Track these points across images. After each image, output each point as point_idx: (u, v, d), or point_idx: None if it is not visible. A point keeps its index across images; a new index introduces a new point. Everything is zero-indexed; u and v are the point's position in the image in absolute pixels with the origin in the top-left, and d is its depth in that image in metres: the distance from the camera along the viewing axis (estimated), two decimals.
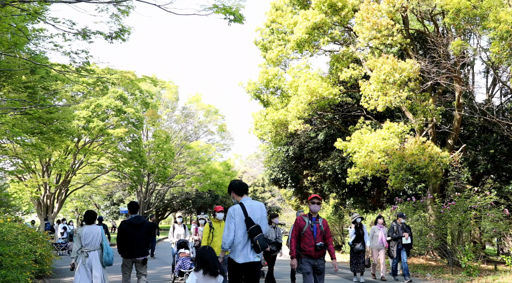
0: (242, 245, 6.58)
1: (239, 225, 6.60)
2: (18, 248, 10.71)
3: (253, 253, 6.62)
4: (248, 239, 6.57)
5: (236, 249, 6.62)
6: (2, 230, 10.98)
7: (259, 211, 6.77)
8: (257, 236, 6.51)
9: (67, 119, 25.37)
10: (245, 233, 6.59)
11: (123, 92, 39.95)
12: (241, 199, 6.81)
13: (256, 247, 6.54)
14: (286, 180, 25.21)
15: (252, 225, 6.56)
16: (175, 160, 49.69)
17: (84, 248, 8.73)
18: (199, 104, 54.69)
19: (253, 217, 6.64)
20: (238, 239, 6.59)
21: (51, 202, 41.27)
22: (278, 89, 21.03)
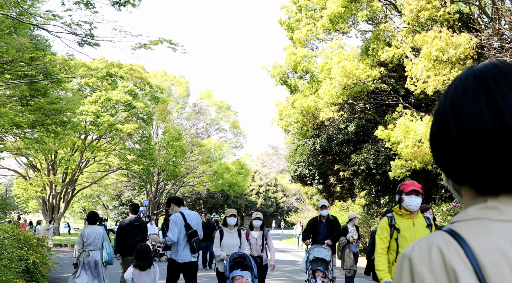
0: (182, 247, 7.76)
1: (180, 229, 7.80)
2: (4, 255, 8.48)
3: (191, 254, 7.82)
4: (187, 241, 7.76)
5: (178, 250, 7.79)
6: None
7: (195, 219, 8.12)
8: (194, 239, 7.74)
9: (71, 110, 23.20)
10: (185, 237, 7.79)
11: (133, 87, 38.03)
12: (180, 209, 8.07)
13: (193, 248, 7.76)
14: (313, 176, 22.84)
15: (190, 230, 7.81)
16: (186, 158, 47.57)
17: (86, 248, 8.97)
18: (210, 100, 52.53)
19: (191, 223, 7.92)
20: (180, 241, 7.79)
21: (57, 202, 39.55)
22: (307, 73, 18.67)
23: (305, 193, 32.54)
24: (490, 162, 1.00)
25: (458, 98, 1.06)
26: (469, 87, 1.05)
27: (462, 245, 0.97)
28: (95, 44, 12.13)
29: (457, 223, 1.04)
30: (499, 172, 1.00)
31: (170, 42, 9.04)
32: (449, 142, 1.06)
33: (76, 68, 34.88)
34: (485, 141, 1.00)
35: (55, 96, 23.34)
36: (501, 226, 0.99)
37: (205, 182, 50.12)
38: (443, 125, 1.08)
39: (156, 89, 43.41)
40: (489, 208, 1.02)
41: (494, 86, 1.02)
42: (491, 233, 0.98)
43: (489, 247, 0.95)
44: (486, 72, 1.05)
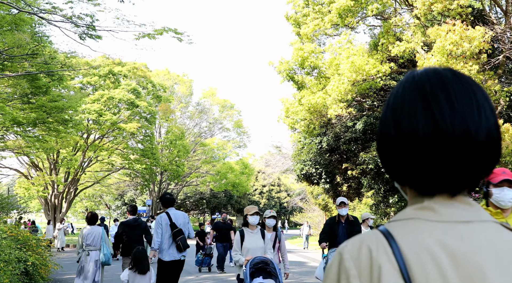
0: (168, 246, 7.95)
1: (165, 229, 8.01)
2: (1, 257, 8.03)
3: (178, 252, 7.98)
4: (173, 240, 7.92)
5: (163, 249, 8.00)
6: None
7: (182, 218, 8.26)
8: (179, 238, 7.89)
9: (73, 108, 22.73)
10: (170, 236, 7.97)
11: (136, 86, 37.63)
12: (167, 209, 8.30)
13: (178, 247, 7.93)
14: (319, 175, 22.31)
15: (176, 229, 7.98)
16: (189, 158, 47.13)
17: (86, 248, 9.09)
18: (214, 99, 52.08)
19: (176, 222, 8.08)
20: (166, 240, 7.98)
21: (59, 202, 39.12)
22: (315, 69, 18.18)
23: (311, 192, 32.03)
24: (424, 164, 1.04)
25: (397, 102, 1.10)
26: (407, 91, 1.09)
27: (391, 244, 1.01)
28: (97, 36, 11.68)
29: (393, 222, 1.08)
30: (434, 173, 1.04)
31: (175, 32, 8.57)
32: (389, 144, 1.10)
33: (78, 66, 34.49)
34: (420, 143, 1.04)
35: (57, 94, 22.87)
36: (433, 226, 1.03)
37: (209, 181, 49.69)
38: (384, 127, 1.12)
39: (159, 88, 43.00)
40: (424, 209, 1.07)
41: (429, 91, 1.06)
42: (422, 233, 1.02)
43: (417, 247, 1.00)
44: (423, 77, 1.09)
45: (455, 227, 1.03)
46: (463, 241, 1.00)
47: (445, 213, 1.04)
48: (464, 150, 1.02)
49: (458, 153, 1.02)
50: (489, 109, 1.06)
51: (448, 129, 1.01)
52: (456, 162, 1.03)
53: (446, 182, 1.05)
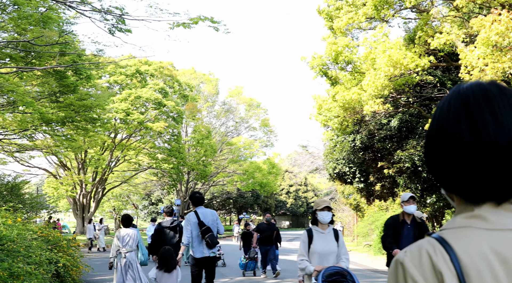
0: (197, 243, 8.10)
1: (194, 227, 8.15)
2: (32, 259, 7.66)
3: (207, 249, 8.08)
4: (202, 238, 8.04)
5: (194, 246, 8.15)
6: (9, 235, 7.93)
7: (210, 216, 8.37)
8: (207, 235, 8.00)
9: (101, 106, 22.51)
10: (199, 234, 8.10)
11: (164, 86, 37.48)
12: (196, 208, 8.42)
13: (208, 244, 8.02)
14: (353, 174, 21.65)
15: (204, 227, 8.11)
16: (216, 157, 46.81)
17: (122, 249, 9.13)
18: (240, 98, 51.67)
19: (204, 220, 8.20)
20: (195, 238, 8.12)
21: (88, 201, 39.20)
22: (349, 64, 17.56)
23: (341, 192, 31.32)
24: (471, 173, 1.09)
25: (443, 114, 1.16)
26: (452, 103, 1.14)
27: (448, 251, 1.06)
28: (127, 30, 11.31)
29: (445, 231, 1.13)
30: (481, 182, 1.09)
31: (212, 20, 8.09)
32: (436, 153, 1.15)
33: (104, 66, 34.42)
34: (465, 155, 1.09)
35: (85, 92, 22.70)
36: (485, 234, 1.08)
37: (236, 181, 49.33)
38: (431, 137, 1.17)
39: (186, 87, 42.80)
40: (475, 217, 1.12)
41: (473, 104, 1.11)
42: (476, 241, 1.07)
43: (472, 253, 1.06)
44: (468, 90, 1.14)
45: (505, 234, 1.08)
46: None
47: (495, 221, 1.10)
48: (508, 160, 1.07)
49: (502, 163, 1.07)
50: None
51: (492, 140, 1.07)
52: (501, 172, 1.08)
53: (492, 191, 1.09)
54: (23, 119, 21.88)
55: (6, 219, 8.95)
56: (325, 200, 5.92)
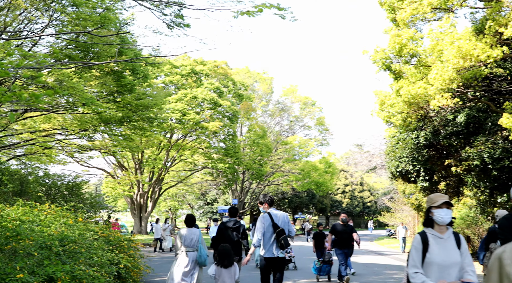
0: (269, 244, 8.36)
1: (268, 228, 8.44)
2: (94, 260, 7.39)
3: (278, 250, 8.37)
4: (275, 239, 8.36)
5: (266, 247, 8.40)
6: (71, 235, 7.69)
7: (282, 218, 8.61)
8: (282, 237, 8.30)
9: (158, 106, 22.46)
10: (272, 235, 8.40)
11: (219, 85, 37.41)
12: (269, 209, 8.66)
13: (281, 245, 8.32)
14: (417, 173, 20.70)
15: (278, 229, 8.40)
16: (271, 157, 46.40)
17: (183, 248, 9.31)
18: (295, 96, 51.10)
19: (278, 223, 8.48)
20: (267, 239, 8.41)
21: (145, 201, 39.61)
22: (414, 57, 16.71)
23: (402, 191, 30.26)
24: None
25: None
26: None
27: None
28: (186, 25, 10.99)
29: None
30: None
31: (278, 8, 7.62)
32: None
33: (161, 65, 34.62)
34: None
35: (142, 92, 22.72)
36: None
37: (291, 180, 48.77)
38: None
39: (240, 87, 42.61)
40: None
41: None
42: None
43: None
44: None
45: None
46: None
47: None
48: None
49: None
50: None
51: None
52: None
53: None
54: (82, 120, 22.09)
55: (67, 219, 8.76)
56: (443, 195, 4.65)
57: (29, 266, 4.84)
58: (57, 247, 6.25)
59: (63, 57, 19.89)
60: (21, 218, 7.86)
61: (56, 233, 7.37)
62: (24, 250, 5.29)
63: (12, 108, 21.76)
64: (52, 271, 4.89)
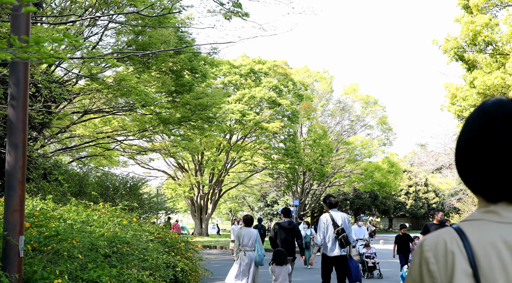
0: (331, 243, 8.83)
1: (329, 228, 8.92)
2: (148, 263, 6.84)
3: (339, 248, 8.79)
4: (336, 238, 8.79)
5: (328, 246, 8.89)
6: (123, 236, 7.18)
7: (341, 218, 9.06)
8: (341, 235, 8.74)
9: (217, 105, 22.04)
10: (333, 234, 8.85)
11: (277, 83, 36.81)
12: (330, 210, 9.20)
13: (341, 243, 8.74)
14: None
15: (338, 227, 8.87)
16: (332, 157, 45.39)
17: (242, 248, 9.52)
18: (355, 95, 49.80)
19: (338, 222, 8.94)
20: (328, 238, 8.90)
21: (205, 202, 39.50)
22: (489, 45, 15.48)
23: None
24: (488, 178, 1.30)
25: (469, 127, 1.36)
26: (477, 118, 1.35)
27: (462, 239, 1.25)
28: (244, 14, 10.40)
29: (464, 222, 1.33)
30: (496, 185, 1.30)
31: None
32: (463, 161, 1.37)
33: (219, 64, 34.39)
34: (485, 161, 1.30)
35: (200, 91, 22.38)
36: (497, 226, 1.27)
37: (353, 181, 47.54)
38: (459, 147, 1.39)
39: (300, 87, 41.83)
40: (490, 212, 1.31)
41: (493, 118, 1.30)
42: (488, 231, 1.26)
43: (483, 242, 1.24)
44: (489, 107, 1.34)
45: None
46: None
47: (507, 216, 1.29)
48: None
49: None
50: None
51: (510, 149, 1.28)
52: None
53: (507, 191, 1.29)
54: (142, 120, 21.98)
55: (122, 219, 8.28)
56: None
57: (70, 270, 4.30)
58: (105, 249, 5.72)
59: (122, 59, 19.82)
60: (74, 218, 7.43)
61: (108, 234, 6.88)
62: (68, 252, 4.76)
63: (74, 110, 21.94)
64: (97, 276, 4.33)
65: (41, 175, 12.15)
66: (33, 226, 4.86)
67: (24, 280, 3.79)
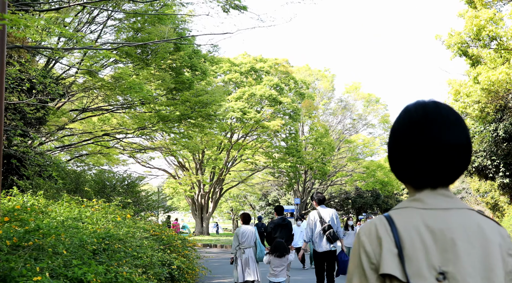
0: (319, 239, 9.03)
1: (317, 225, 9.14)
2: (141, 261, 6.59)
3: (328, 244, 8.97)
4: (323, 234, 8.98)
5: (316, 241, 9.11)
6: (115, 233, 6.92)
7: (329, 214, 9.23)
8: (327, 231, 8.92)
9: (217, 102, 21.77)
10: (320, 230, 9.06)
11: (278, 81, 36.54)
12: (318, 206, 9.41)
13: (328, 239, 8.92)
14: (497, 168, 19.01)
15: (324, 224, 9.06)
16: (333, 156, 45.11)
17: (241, 245, 9.52)
18: (357, 93, 49.53)
19: (325, 218, 9.14)
20: (316, 234, 9.11)
21: (206, 201, 39.25)
22: (494, 40, 15.17)
23: (476, 190, 28.30)
24: (413, 169, 1.51)
25: (396, 127, 1.57)
26: (402, 120, 1.57)
27: (390, 225, 1.46)
28: (242, 7, 10.15)
29: (394, 210, 1.53)
30: (420, 175, 1.51)
31: None
32: (392, 156, 1.57)
33: (220, 61, 34.15)
34: (410, 155, 1.51)
35: (200, 88, 22.11)
36: (420, 212, 1.47)
37: (355, 180, 47.27)
38: (389, 145, 1.59)
39: (301, 85, 41.54)
40: (415, 200, 1.51)
41: (416, 118, 1.52)
42: (412, 217, 1.46)
43: (408, 226, 1.44)
44: (412, 109, 1.56)
45: (436, 212, 1.46)
46: (441, 222, 1.44)
47: (430, 202, 1.48)
48: (439, 158, 1.47)
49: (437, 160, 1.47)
50: (467, 128, 1.52)
51: (430, 144, 1.47)
52: (435, 166, 1.48)
53: (429, 179, 1.50)
54: (140, 118, 21.74)
55: (115, 216, 8.03)
56: None
57: (52, 267, 4.04)
58: (92, 246, 5.46)
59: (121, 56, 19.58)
60: (65, 214, 7.19)
61: (99, 231, 6.63)
62: (53, 248, 4.50)
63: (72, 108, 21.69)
64: (81, 273, 4.07)
65: (36, 172, 11.92)
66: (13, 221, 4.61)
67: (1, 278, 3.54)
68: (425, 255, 1.40)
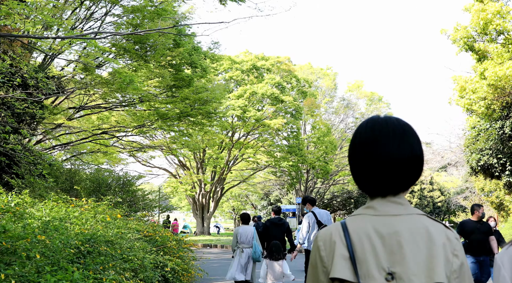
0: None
1: (313, 226, 9.66)
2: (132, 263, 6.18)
3: None
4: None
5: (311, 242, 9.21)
6: (103, 234, 6.51)
7: (325, 216, 9.85)
8: None
9: (217, 99, 21.35)
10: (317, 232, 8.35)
11: (280, 80, 36.09)
12: (312, 208, 9.95)
13: None
14: (503, 166, 18.52)
15: (322, 225, 9.48)
16: (336, 155, 44.67)
17: (240, 245, 9.66)
18: (360, 92, 49.06)
19: (321, 220, 9.68)
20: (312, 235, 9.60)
21: (207, 201, 38.85)
22: (501, 34, 14.73)
23: (481, 189, 27.81)
24: (365, 180, 1.65)
25: (353, 141, 1.69)
26: (357, 135, 1.68)
27: (344, 230, 1.59)
28: None
29: (349, 217, 1.66)
30: (371, 185, 1.64)
31: None
32: (351, 166, 1.70)
33: (220, 59, 33.73)
34: (361, 168, 1.64)
35: (200, 85, 21.69)
36: (372, 218, 1.59)
37: None
38: (348, 155, 1.71)
39: (303, 84, 41.10)
40: (368, 207, 1.64)
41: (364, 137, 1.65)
42: (364, 223, 1.58)
43: (359, 232, 1.56)
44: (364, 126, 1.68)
45: (386, 218, 1.58)
46: (390, 227, 1.56)
47: (381, 210, 1.61)
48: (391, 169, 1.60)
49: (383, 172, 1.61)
50: (415, 141, 1.65)
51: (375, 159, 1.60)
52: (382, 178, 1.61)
53: (379, 188, 1.63)
54: (139, 115, 21.36)
55: (104, 216, 7.61)
56: None
57: (22, 273, 3.63)
58: (72, 249, 5.03)
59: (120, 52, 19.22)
60: (52, 214, 6.79)
61: (86, 232, 6.22)
62: (27, 252, 4.08)
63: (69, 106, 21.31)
64: (54, 281, 3.65)
65: (27, 170, 11.52)
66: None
67: None
68: (374, 257, 1.52)
